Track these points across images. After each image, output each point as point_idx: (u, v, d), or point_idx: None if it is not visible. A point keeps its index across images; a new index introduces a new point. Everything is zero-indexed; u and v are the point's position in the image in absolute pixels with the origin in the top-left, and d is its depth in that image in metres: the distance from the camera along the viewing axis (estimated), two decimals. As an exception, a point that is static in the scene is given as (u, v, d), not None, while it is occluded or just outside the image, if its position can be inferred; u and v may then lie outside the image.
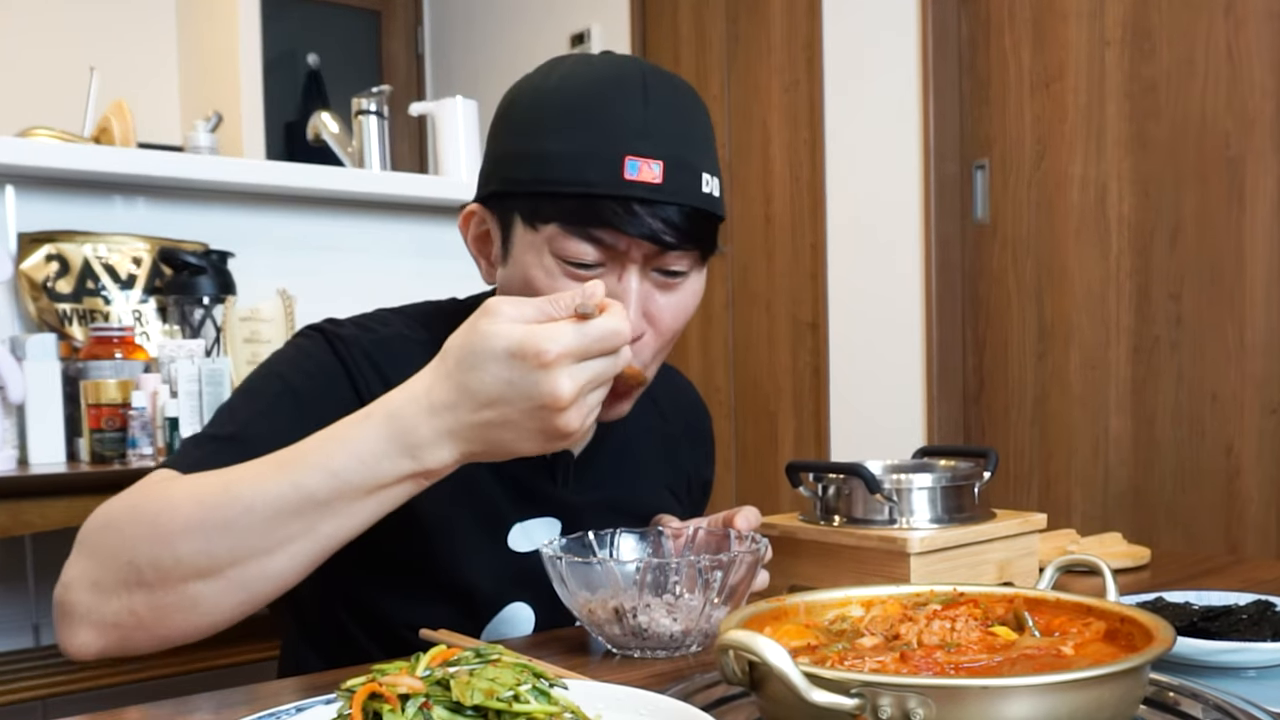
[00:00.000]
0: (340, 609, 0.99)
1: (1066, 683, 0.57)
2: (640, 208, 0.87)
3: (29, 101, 3.83)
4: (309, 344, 0.96)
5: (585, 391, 0.74)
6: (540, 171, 0.88)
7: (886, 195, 3.14)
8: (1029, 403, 2.92)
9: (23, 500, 1.63)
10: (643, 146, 0.87)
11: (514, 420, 0.74)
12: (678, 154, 0.89)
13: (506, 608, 0.99)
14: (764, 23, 3.51)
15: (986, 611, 0.73)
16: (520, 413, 0.74)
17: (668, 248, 0.89)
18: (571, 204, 0.87)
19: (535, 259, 0.90)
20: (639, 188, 0.87)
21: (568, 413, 0.74)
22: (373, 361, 0.94)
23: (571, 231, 0.88)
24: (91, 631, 0.80)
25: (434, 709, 0.56)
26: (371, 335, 0.97)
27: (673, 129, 0.89)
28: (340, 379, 0.93)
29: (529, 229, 0.90)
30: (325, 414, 0.86)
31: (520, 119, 0.91)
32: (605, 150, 0.87)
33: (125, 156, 2.11)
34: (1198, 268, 2.59)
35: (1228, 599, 0.93)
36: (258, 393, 0.93)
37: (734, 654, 0.61)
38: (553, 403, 0.73)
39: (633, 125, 0.87)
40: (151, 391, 1.84)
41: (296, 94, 4.83)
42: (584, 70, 0.92)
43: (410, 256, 2.54)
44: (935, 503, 1.02)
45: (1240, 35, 2.50)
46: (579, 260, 0.89)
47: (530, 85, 0.93)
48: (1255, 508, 2.50)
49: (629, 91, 0.89)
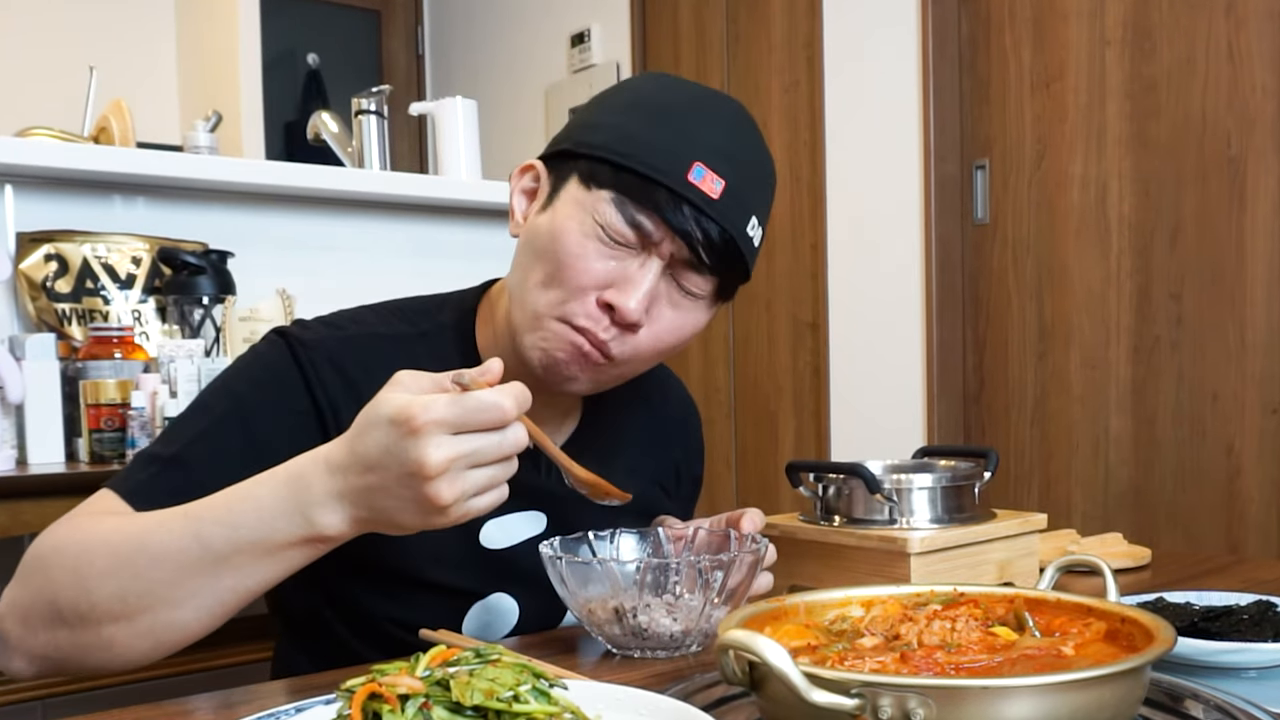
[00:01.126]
0: (324, 608, 1.00)
1: (1067, 683, 0.57)
2: (689, 210, 0.90)
3: (28, 101, 3.83)
4: (269, 352, 0.96)
5: (459, 466, 0.73)
6: (616, 143, 0.92)
7: (886, 195, 3.13)
8: (1029, 403, 2.92)
9: (21, 500, 1.63)
10: (713, 161, 0.91)
11: (390, 488, 0.75)
12: (740, 186, 0.92)
13: (487, 598, 0.99)
14: (764, 22, 3.50)
15: (987, 612, 0.73)
16: (394, 479, 0.74)
17: (696, 258, 0.92)
18: (632, 180, 0.90)
19: (577, 215, 0.92)
20: (696, 193, 0.90)
21: (436, 483, 0.73)
22: (335, 364, 0.95)
23: (620, 205, 0.90)
24: (23, 660, 0.84)
25: (434, 709, 0.56)
26: (339, 334, 0.97)
27: (744, 161, 0.94)
28: (295, 387, 0.93)
29: (583, 187, 0.93)
30: (274, 428, 0.90)
31: (615, 102, 0.97)
32: (680, 149, 0.91)
33: (124, 156, 2.11)
34: (1198, 267, 2.59)
35: (1228, 599, 0.93)
36: (207, 409, 0.94)
37: (734, 654, 0.60)
38: (418, 469, 0.72)
39: (712, 141, 0.92)
40: (151, 391, 1.83)
41: (296, 93, 4.83)
42: (682, 83, 0.98)
43: (410, 256, 2.53)
44: (935, 503, 1.02)
45: (1241, 34, 2.50)
46: (615, 236, 0.91)
47: (634, 84, 1.00)
48: (1256, 508, 2.50)
49: (721, 114, 0.95)
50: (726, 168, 0.91)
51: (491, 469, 0.76)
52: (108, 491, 0.89)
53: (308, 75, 4.89)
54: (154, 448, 0.93)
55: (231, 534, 0.78)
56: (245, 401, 0.93)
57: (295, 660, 1.04)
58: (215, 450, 0.89)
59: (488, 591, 0.99)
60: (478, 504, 0.76)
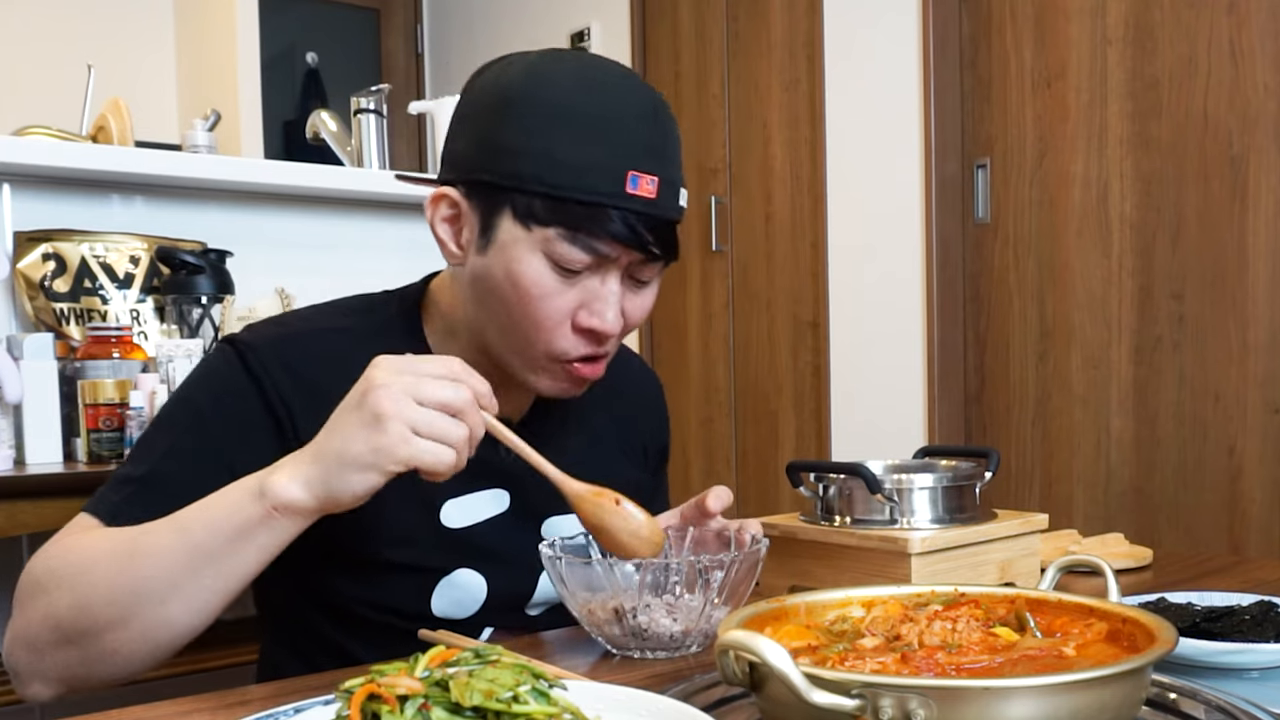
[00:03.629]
0: (298, 596, 1.01)
1: (1068, 684, 0.57)
2: (635, 218, 0.91)
3: (26, 100, 3.82)
4: (219, 361, 0.99)
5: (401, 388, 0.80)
6: (547, 173, 0.90)
7: (887, 194, 3.13)
8: (1030, 403, 2.92)
9: (19, 500, 1.63)
10: (645, 164, 0.91)
11: (338, 423, 0.82)
12: (669, 173, 0.93)
13: (453, 574, 1.00)
14: (764, 21, 3.50)
15: (988, 612, 0.73)
16: (344, 412, 0.82)
17: (653, 259, 0.94)
18: (576, 211, 0.90)
19: (524, 256, 0.92)
20: (637, 201, 0.91)
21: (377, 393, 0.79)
22: (284, 363, 0.97)
23: (569, 238, 0.91)
24: (40, 684, 0.88)
25: (433, 710, 0.56)
26: (286, 332, 1.00)
27: (668, 149, 0.94)
28: (248, 394, 0.96)
29: (520, 225, 0.92)
30: (235, 435, 0.94)
31: (524, 115, 0.91)
32: (612, 163, 0.90)
33: (123, 155, 2.11)
34: (1200, 267, 2.58)
35: (1230, 600, 0.93)
36: (171, 423, 0.97)
37: (734, 655, 0.60)
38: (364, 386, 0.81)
39: (640, 143, 0.92)
40: (149, 391, 1.83)
41: (295, 92, 4.83)
42: (594, 77, 0.93)
43: (409, 255, 2.53)
44: (936, 503, 1.01)
45: (1243, 33, 2.50)
46: (572, 266, 0.92)
47: (532, 82, 0.92)
48: (1258, 508, 2.50)
49: (639, 109, 0.93)
50: (655, 163, 0.92)
51: (436, 415, 0.80)
52: (86, 516, 0.92)
53: (306, 74, 4.89)
54: (126, 469, 0.96)
55: (207, 523, 0.83)
56: (204, 413, 0.96)
57: (277, 654, 1.06)
58: (184, 465, 0.93)
59: (452, 568, 1.00)
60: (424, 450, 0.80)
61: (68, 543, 0.89)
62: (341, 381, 0.90)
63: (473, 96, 0.96)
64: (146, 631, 0.84)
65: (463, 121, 0.96)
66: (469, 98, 0.96)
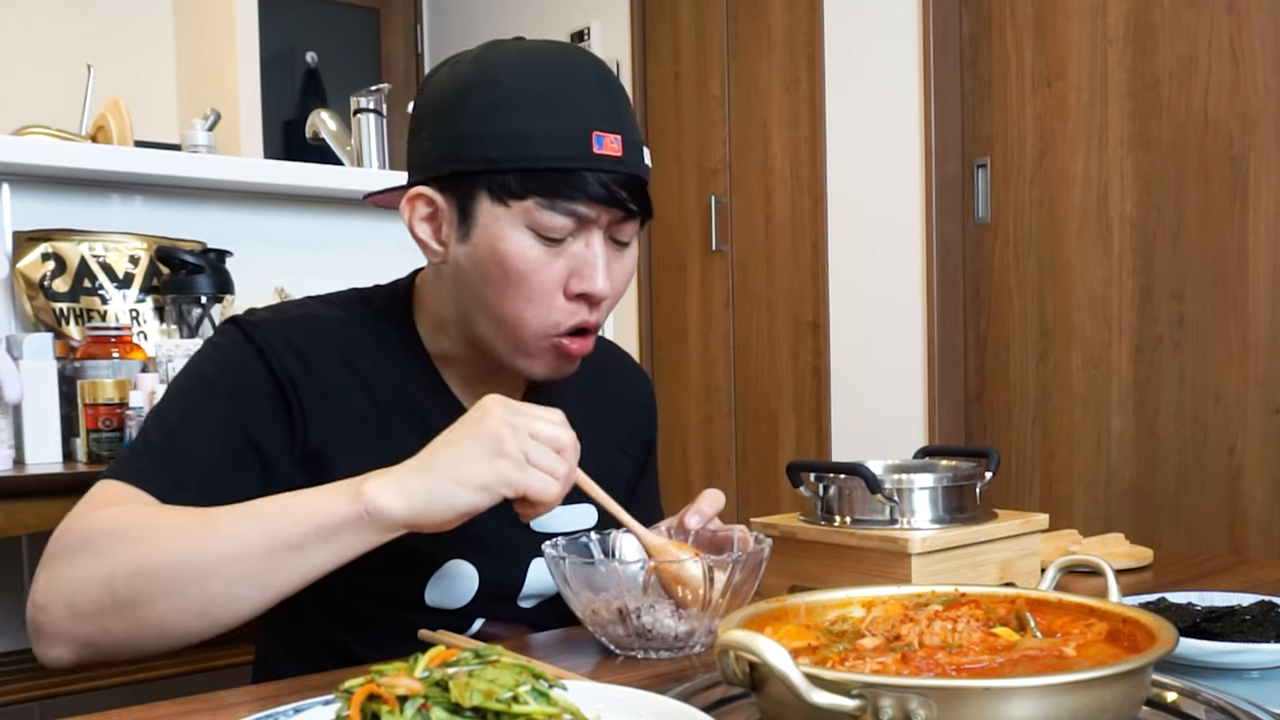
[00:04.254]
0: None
1: (1068, 684, 0.56)
2: (607, 177, 0.95)
3: (25, 99, 3.82)
4: (225, 339, 1.01)
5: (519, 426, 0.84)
6: (514, 149, 0.94)
7: (887, 194, 3.13)
8: (1031, 402, 2.92)
9: (18, 500, 1.62)
10: (605, 124, 0.95)
11: (454, 440, 0.84)
12: (629, 132, 0.98)
13: (445, 565, 1.02)
14: (764, 20, 3.50)
15: (988, 612, 0.73)
16: (461, 434, 0.84)
17: (630, 214, 0.98)
18: (551, 178, 0.94)
19: (507, 232, 0.95)
20: (606, 160, 0.95)
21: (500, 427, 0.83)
22: (287, 340, 1.00)
23: (549, 205, 0.94)
24: (66, 647, 0.86)
25: (432, 710, 0.56)
26: (285, 317, 1.03)
27: (623, 109, 0.99)
28: (256, 366, 0.98)
29: (498, 204, 0.95)
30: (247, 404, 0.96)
31: (479, 103, 0.95)
32: (576, 128, 0.94)
33: (122, 155, 2.10)
34: (1200, 267, 2.58)
35: (1231, 600, 0.93)
36: (185, 395, 0.98)
37: (734, 655, 0.60)
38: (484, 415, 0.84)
39: (595, 106, 0.96)
40: (149, 391, 1.83)
41: (295, 92, 4.83)
42: (540, 56, 0.98)
43: (408, 255, 2.50)
44: (936, 503, 1.01)
45: (1243, 32, 2.49)
46: (555, 234, 0.96)
47: (483, 71, 0.97)
48: (1258, 508, 2.50)
49: (586, 75, 0.97)
50: (613, 123, 0.96)
51: (549, 451, 0.85)
52: (113, 483, 0.91)
53: (306, 74, 4.89)
54: (144, 437, 0.96)
55: (293, 512, 0.84)
56: (214, 384, 0.98)
57: (272, 650, 1.08)
58: (201, 432, 0.94)
59: (444, 558, 1.02)
60: (535, 479, 0.84)
61: (130, 510, 0.88)
62: (336, 362, 0.99)
63: (427, 98, 1.00)
64: (206, 607, 0.84)
65: (423, 124, 1.00)
66: (424, 100, 1.00)
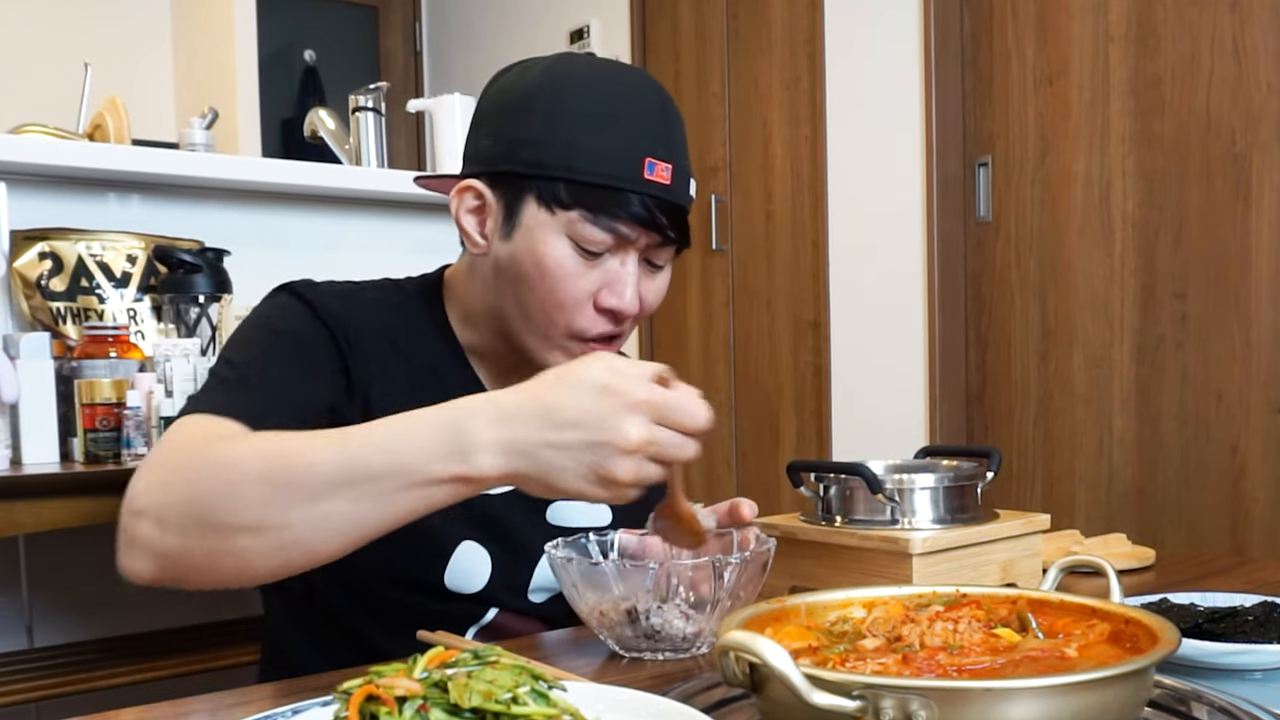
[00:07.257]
0: None
1: (1070, 685, 0.56)
2: (653, 203, 0.99)
3: (22, 98, 3.82)
4: (283, 298, 1.04)
5: (646, 450, 0.76)
6: (569, 160, 0.97)
7: (888, 193, 3.13)
8: (1032, 402, 2.91)
9: (16, 501, 1.62)
10: (660, 151, 0.99)
11: (574, 448, 0.76)
12: (680, 162, 1.01)
13: (460, 547, 1.04)
14: (764, 19, 3.50)
15: (989, 613, 0.72)
16: (583, 443, 0.75)
17: (669, 242, 1.02)
18: (599, 195, 0.97)
19: (549, 238, 0.99)
20: (655, 186, 0.99)
21: (625, 459, 0.75)
22: (341, 304, 1.04)
23: (592, 220, 0.98)
24: (151, 561, 0.83)
25: (431, 711, 0.56)
26: (329, 287, 1.08)
27: (678, 139, 1.03)
28: (314, 322, 1.02)
29: (544, 210, 0.99)
30: (315, 354, 0.99)
31: (542, 110, 0.99)
32: (630, 150, 0.98)
33: (120, 153, 2.10)
34: (1203, 266, 2.57)
35: (1233, 600, 0.93)
36: (252, 342, 1.00)
37: (735, 656, 0.60)
38: (614, 440, 0.75)
39: (653, 132, 1.00)
40: (146, 391, 1.82)
41: (293, 90, 4.83)
42: (605, 74, 1.02)
43: (407, 254, 2.52)
44: (938, 503, 1.01)
45: (1246, 30, 2.49)
46: (594, 248, 0.99)
47: (550, 81, 1.00)
48: (1261, 508, 2.49)
49: (650, 101, 1.01)
50: (668, 151, 1.00)
51: (662, 469, 0.78)
52: (192, 415, 0.90)
53: (305, 72, 4.89)
54: (214, 380, 0.97)
55: (384, 459, 0.78)
56: (279, 329, 1.01)
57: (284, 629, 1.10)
58: (277, 371, 0.96)
59: (459, 538, 1.04)
60: (637, 490, 0.78)
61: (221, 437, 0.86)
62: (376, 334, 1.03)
63: (492, 98, 1.04)
64: (284, 548, 0.80)
65: (484, 122, 1.04)
66: (488, 99, 1.04)
